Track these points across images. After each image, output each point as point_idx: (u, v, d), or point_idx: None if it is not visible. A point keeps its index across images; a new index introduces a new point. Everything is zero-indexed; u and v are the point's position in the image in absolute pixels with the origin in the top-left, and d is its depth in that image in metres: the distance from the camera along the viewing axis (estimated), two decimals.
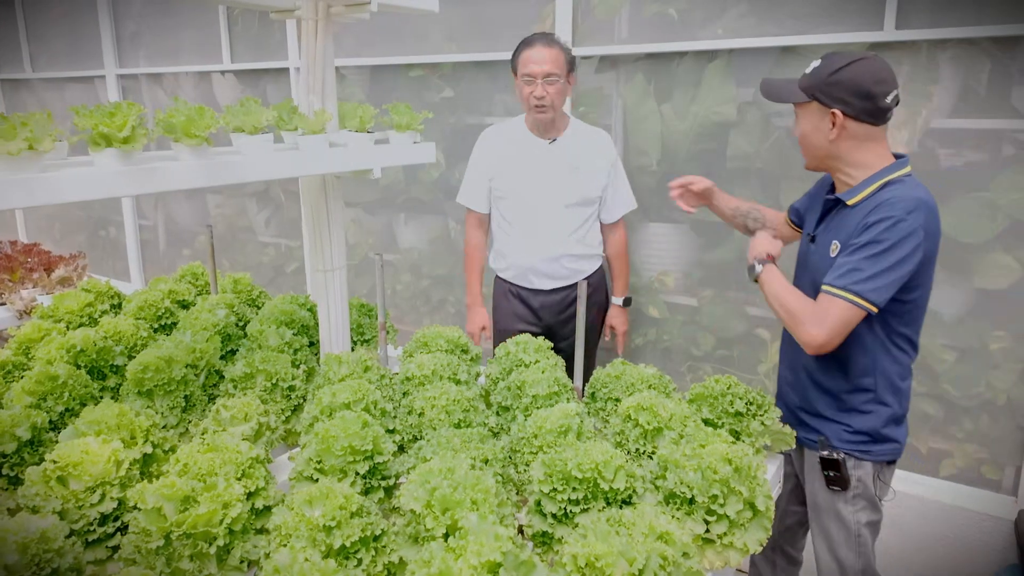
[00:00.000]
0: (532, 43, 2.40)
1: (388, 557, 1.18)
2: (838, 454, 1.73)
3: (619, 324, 2.77)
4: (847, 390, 1.73)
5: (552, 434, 1.49)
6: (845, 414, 1.75)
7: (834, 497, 1.77)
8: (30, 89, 5.74)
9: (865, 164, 1.63)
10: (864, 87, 1.55)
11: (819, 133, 1.63)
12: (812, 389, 1.80)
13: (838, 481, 1.74)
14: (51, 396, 1.69)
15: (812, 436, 1.81)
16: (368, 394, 1.65)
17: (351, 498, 1.20)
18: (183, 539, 1.12)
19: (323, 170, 1.87)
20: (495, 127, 2.67)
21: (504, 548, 1.01)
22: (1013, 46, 2.18)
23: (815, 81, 1.60)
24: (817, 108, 1.61)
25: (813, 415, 1.81)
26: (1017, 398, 2.32)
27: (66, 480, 1.29)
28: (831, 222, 1.72)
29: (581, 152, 2.54)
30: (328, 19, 1.95)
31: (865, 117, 1.57)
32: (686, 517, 1.31)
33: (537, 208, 2.55)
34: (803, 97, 1.62)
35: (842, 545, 1.78)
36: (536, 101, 2.40)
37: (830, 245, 1.67)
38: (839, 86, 1.56)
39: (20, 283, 3.36)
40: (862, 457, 1.74)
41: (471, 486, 1.19)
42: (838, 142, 1.61)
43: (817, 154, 1.67)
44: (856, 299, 1.53)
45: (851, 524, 1.76)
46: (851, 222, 1.62)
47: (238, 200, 4.51)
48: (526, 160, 2.55)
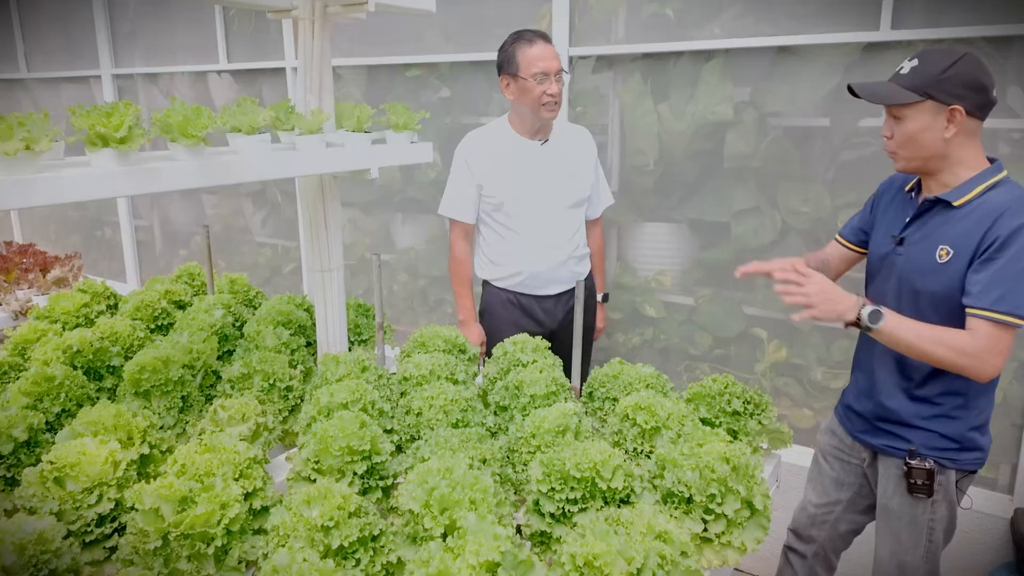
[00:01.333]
0: (533, 40, 2.33)
1: (386, 557, 1.18)
2: (929, 462, 1.69)
3: (600, 320, 2.77)
4: (939, 393, 1.68)
5: (550, 434, 1.50)
6: (935, 420, 1.70)
7: (913, 503, 1.74)
8: (25, 89, 5.72)
9: (969, 163, 1.60)
10: (979, 81, 1.53)
11: (931, 132, 1.57)
12: (897, 396, 1.74)
13: (924, 489, 1.70)
14: (47, 397, 1.69)
15: (896, 444, 1.76)
16: (366, 394, 1.65)
17: (349, 498, 1.19)
18: (181, 540, 1.11)
19: (320, 170, 1.87)
20: (477, 132, 2.54)
21: (503, 548, 1.01)
22: (1008, 46, 2.19)
23: (926, 79, 1.55)
24: (931, 107, 1.56)
25: (897, 423, 1.75)
26: (1013, 396, 2.33)
27: (63, 481, 1.28)
28: (928, 224, 1.65)
29: (571, 151, 2.51)
30: (325, 19, 1.94)
31: (978, 112, 1.55)
32: (684, 516, 1.31)
33: (540, 212, 2.47)
34: (914, 97, 1.56)
35: (910, 550, 1.76)
36: (551, 99, 2.33)
37: (936, 249, 1.60)
38: (954, 82, 1.53)
39: (16, 284, 3.35)
40: (948, 465, 1.71)
41: (469, 486, 1.19)
42: (953, 140, 1.57)
43: (925, 154, 1.60)
44: (1017, 321, 1.49)
45: (925, 530, 1.73)
46: (965, 225, 1.56)
47: (234, 200, 4.50)
48: (521, 164, 2.46)
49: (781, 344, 2.73)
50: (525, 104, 2.37)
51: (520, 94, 2.37)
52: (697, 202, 2.82)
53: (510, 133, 2.48)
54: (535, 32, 2.37)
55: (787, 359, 2.72)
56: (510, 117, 2.49)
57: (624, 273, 3.04)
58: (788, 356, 2.72)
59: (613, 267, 3.07)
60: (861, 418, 1.85)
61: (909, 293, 1.66)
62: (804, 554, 2.06)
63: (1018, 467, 2.34)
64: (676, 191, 2.86)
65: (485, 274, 2.63)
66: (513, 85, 2.38)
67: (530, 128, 2.45)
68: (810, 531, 2.03)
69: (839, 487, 1.97)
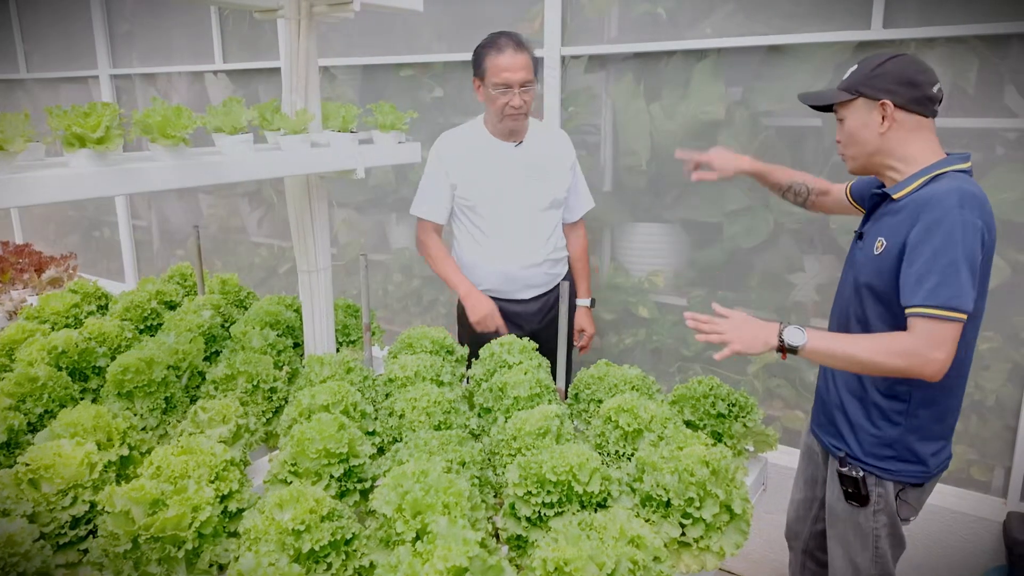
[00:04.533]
0: (502, 47, 2.25)
1: (359, 561, 1.17)
2: (858, 471, 1.67)
3: (588, 326, 2.70)
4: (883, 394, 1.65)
5: (531, 436, 1.48)
6: (870, 424, 1.67)
7: (852, 509, 1.73)
8: (25, 89, 5.73)
9: (914, 158, 1.59)
10: (908, 76, 1.55)
11: (868, 128, 1.60)
12: (845, 392, 1.73)
13: (855, 497, 1.69)
14: (30, 398, 1.68)
15: (837, 444, 1.75)
16: (348, 396, 1.64)
17: (322, 501, 1.19)
18: (151, 543, 1.11)
19: (303, 171, 1.86)
20: (452, 133, 2.48)
21: (471, 553, 1.00)
22: (1002, 45, 2.17)
23: (858, 78, 1.60)
24: (863, 103, 1.60)
25: (841, 422, 1.74)
26: (1006, 398, 2.31)
27: (38, 483, 1.28)
28: (877, 218, 1.67)
29: (546, 153, 2.45)
30: (311, 19, 1.93)
31: (913, 106, 1.56)
32: (662, 520, 1.30)
33: (513, 215, 2.42)
34: (846, 96, 1.61)
35: (859, 553, 1.74)
36: (513, 111, 2.28)
37: (875, 242, 1.62)
38: (883, 78, 1.57)
39: (11, 284, 3.36)
40: (882, 476, 1.67)
41: (443, 490, 1.18)
42: (888, 135, 1.58)
43: (865, 150, 1.62)
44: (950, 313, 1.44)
45: (871, 536, 1.71)
46: (898, 219, 1.56)
47: (231, 201, 4.51)
48: (495, 165, 2.40)
49: None
50: (491, 110, 2.35)
51: (487, 100, 2.34)
52: (689, 202, 2.80)
53: (484, 134, 2.43)
54: (509, 37, 2.28)
55: (779, 360, 2.71)
56: (484, 118, 2.45)
57: (617, 274, 3.03)
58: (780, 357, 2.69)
59: (606, 267, 3.06)
60: (824, 414, 1.83)
61: (854, 286, 1.67)
62: (794, 547, 2.08)
63: (1011, 470, 2.31)
64: (668, 191, 2.84)
65: None
66: (482, 89, 2.34)
67: (501, 131, 2.40)
68: (795, 527, 2.05)
69: (812, 485, 1.96)
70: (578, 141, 3.01)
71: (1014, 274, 2.25)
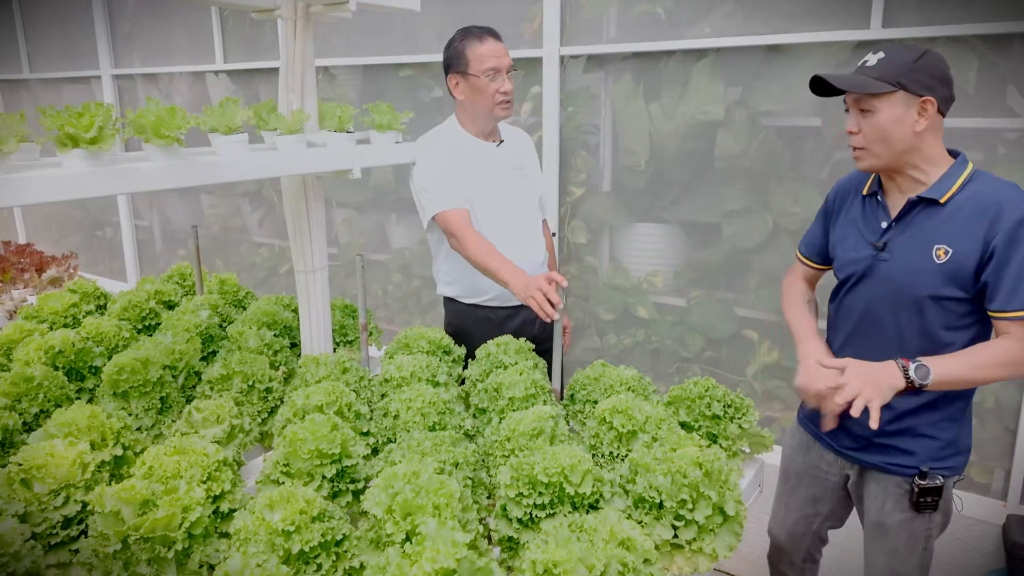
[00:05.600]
0: (482, 37, 2.19)
1: (349, 562, 1.17)
2: (939, 479, 1.60)
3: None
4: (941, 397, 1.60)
5: (525, 437, 1.48)
6: (939, 426, 1.62)
7: (914, 518, 1.66)
8: (28, 89, 5.75)
9: (938, 160, 1.55)
10: (947, 74, 1.50)
11: (903, 125, 1.49)
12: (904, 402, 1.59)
13: (932, 505, 1.62)
14: (26, 398, 1.69)
15: (898, 461, 1.66)
16: (342, 396, 1.64)
17: (313, 502, 1.18)
18: (140, 543, 1.11)
19: (299, 170, 1.86)
20: (431, 136, 2.30)
21: (459, 555, 1.00)
22: (1003, 44, 2.16)
23: (898, 69, 1.48)
24: (903, 98, 1.48)
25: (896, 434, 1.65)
26: (1006, 400, 2.30)
27: (30, 483, 1.28)
28: (914, 224, 1.56)
29: (520, 152, 2.39)
30: (308, 19, 1.94)
31: (943, 106, 1.51)
32: (655, 522, 1.29)
33: (511, 216, 2.31)
34: (886, 87, 1.48)
35: (906, 560, 1.70)
36: (505, 97, 2.20)
37: (931, 250, 1.52)
38: (925, 72, 1.47)
39: (12, 284, 3.37)
40: (948, 474, 1.63)
41: (434, 491, 1.18)
42: (924, 134, 1.50)
43: (896, 148, 1.52)
44: None
45: (922, 539, 1.68)
46: (956, 222, 1.50)
47: (232, 200, 4.51)
48: (483, 167, 2.27)
49: (773, 346, 2.70)
50: (477, 104, 2.22)
51: (472, 93, 2.21)
52: (688, 203, 2.80)
53: (464, 135, 2.31)
54: (484, 28, 2.23)
55: (779, 361, 2.70)
56: (459, 119, 2.32)
57: (616, 274, 3.02)
58: (780, 358, 2.69)
59: (605, 268, 3.05)
60: (850, 435, 1.71)
61: (909, 301, 1.56)
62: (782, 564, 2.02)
63: (1011, 473, 2.30)
64: (667, 191, 2.84)
65: (451, 291, 2.40)
66: (463, 84, 2.21)
67: (483, 129, 2.29)
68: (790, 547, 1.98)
69: (814, 503, 1.89)
70: (577, 141, 3.00)
71: None
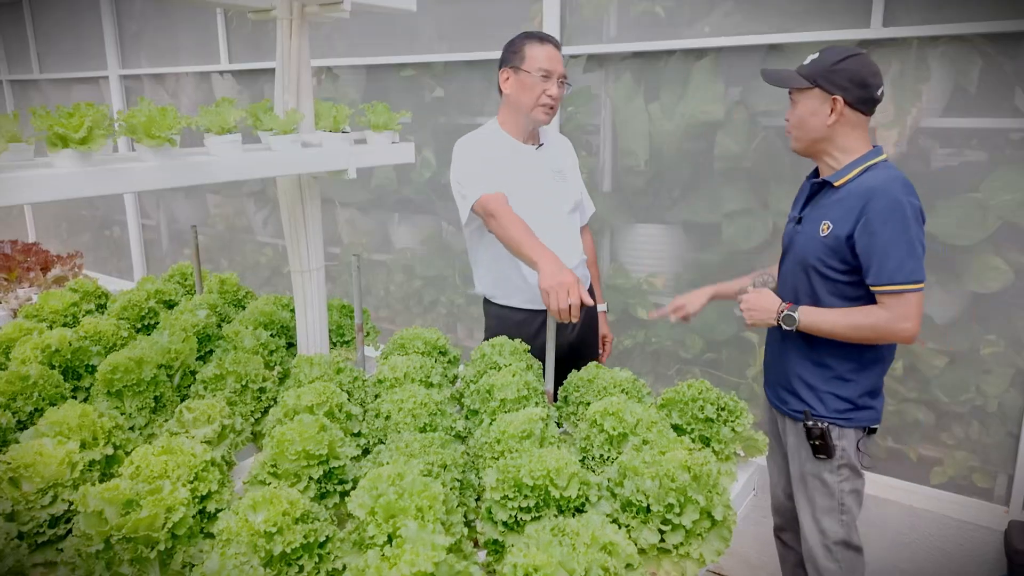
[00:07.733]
0: (545, 40, 2.19)
1: (331, 564, 1.16)
2: (822, 423, 1.84)
3: (608, 332, 2.57)
4: (835, 357, 1.83)
5: (514, 439, 1.47)
6: (830, 383, 1.85)
7: (820, 466, 1.87)
8: (38, 90, 5.81)
9: (851, 149, 1.78)
10: (862, 78, 1.71)
11: (817, 118, 1.77)
12: (800, 361, 1.89)
13: (823, 449, 1.85)
14: (21, 396, 1.69)
15: (798, 408, 1.91)
16: (333, 397, 1.63)
17: (296, 503, 1.18)
18: (123, 543, 1.11)
19: (293, 170, 1.86)
20: (471, 138, 2.30)
21: (438, 558, 0.99)
22: (1006, 43, 2.13)
23: (818, 69, 1.75)
24: (818, 94, 1.75)
25: (799, 387, 1.90)
26: (1009, 404, 2.26)
27: (18, 481, 1.28)
28: (818, 204, 1.84)
29: (560, 156, 2.39)
30: (303, 19, 1.94)
31: (859, 105, 1.74)
32: (642, 526, 1.28)
33: (547, 220, 2.24)
34: (805, 83, 1.76)
35: (826, 514, 1.89)
36: (550, 100, 2.19)
37: (820, 224, 1.79)
38: (841, 74, 1.72)
39: (17, 282, 3.40)
40: (845, 425, 1.84)
41: (418, 493, 1.17)
42: (834, 127, 1.76)
43: (811, 136, 1.80)
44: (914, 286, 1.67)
45: (836, 492, 1.86)
46: (842, 204, 1.74)
47: (237, 200, 4.53)
48: (523, 169, 2.27)
49: None
50: (522, 101, 2.20)
51: (519, 89, 2.20)
52: (688, 203, 2.78)
53: (505, 137, 2.30)
54: (546, 35, 2.24)
55: None
56: (501, 121, 2.32)
57: (616, 275, 3.01)
58: None
59: (606, 269, 3.03)
60: (772, 388, 2.02)
61: (801, 267, 1.84)
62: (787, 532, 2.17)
63: (1014, 478, 2.27)
64: (668, 192, 2.82)
65: (491, 292, 2.37)
66: (513, 79, 2.20)
67: (523, 131, 2.29)
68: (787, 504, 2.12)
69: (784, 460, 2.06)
70: (578, 141, 2.99)
71: (1017, 278, 2.21)
